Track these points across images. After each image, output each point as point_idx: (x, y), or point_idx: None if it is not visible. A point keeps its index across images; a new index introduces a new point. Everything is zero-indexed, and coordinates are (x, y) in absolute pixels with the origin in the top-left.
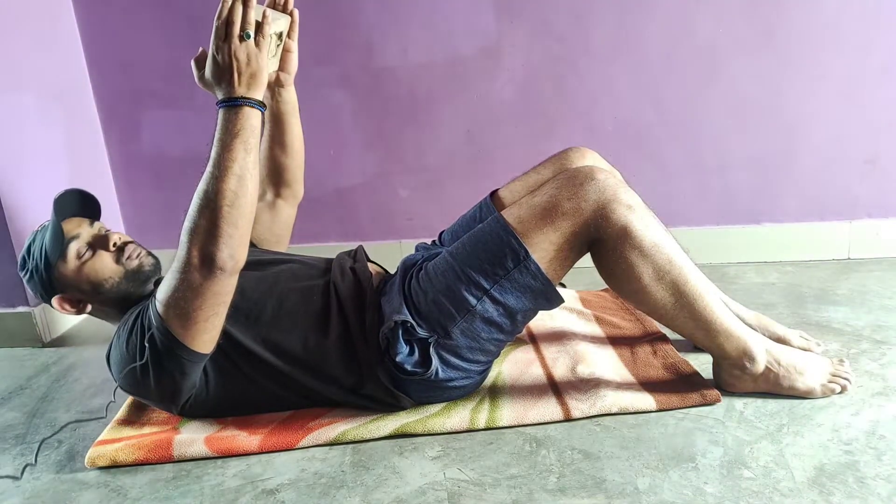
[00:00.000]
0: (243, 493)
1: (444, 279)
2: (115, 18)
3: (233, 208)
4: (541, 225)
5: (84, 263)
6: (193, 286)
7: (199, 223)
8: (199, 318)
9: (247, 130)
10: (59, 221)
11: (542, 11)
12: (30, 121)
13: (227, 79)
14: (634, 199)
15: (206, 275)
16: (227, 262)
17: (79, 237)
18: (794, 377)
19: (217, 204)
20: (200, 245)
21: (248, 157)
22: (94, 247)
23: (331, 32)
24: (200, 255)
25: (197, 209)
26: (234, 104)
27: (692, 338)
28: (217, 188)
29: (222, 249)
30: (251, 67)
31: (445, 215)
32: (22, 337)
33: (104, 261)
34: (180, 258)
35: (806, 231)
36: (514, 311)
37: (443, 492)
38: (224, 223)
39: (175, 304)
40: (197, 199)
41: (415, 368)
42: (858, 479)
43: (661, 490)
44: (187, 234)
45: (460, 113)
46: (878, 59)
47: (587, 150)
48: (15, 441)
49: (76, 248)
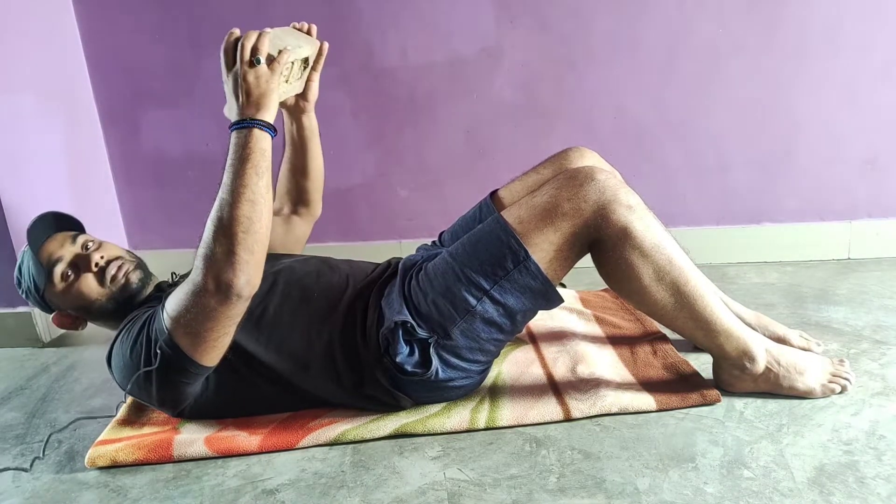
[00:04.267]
0: (243, 493)
1: (443, 280)
2: (115, 18)
3: (248, 234)
4: (541, 225)
5: (70, 286)
6: (207, 310)
7: (215, 250)
8: (210, 338)
9: (257, 154)
10: (35, 252)
11: (542, 11)
12: (30, 121)
13: (236, 101)
14: (635, 199)
15: (222, 300)
16: (244, 289)
17: (62, 260)
18: (794, 377)
19: (232, 231)
20: (217, 272)
21: (261, 181)
22: (78, 268)
23: (331, 33)
24: (216, 282)
25: (212, 235)
26: (242, 126)
27: (692, 338)
28: (231, 215)
29: (239, 276)
30: (260, 89)
31: (445, 215)
32: (22, 337)
33: (89, 283)
34: (195, 282)
35: (806, 231)
36: (514, 311)
37: (443, 492)
38: (240, 249)
39: (186, 323)
40: (211, 225)
41: (415, 369)
42: (858, 479)
43: (661, 490)
44: (203, 261)
45: (460, 113)
46: (878, 59)
47: (587, 150)
48: (15, 441)
49: (60, 271)
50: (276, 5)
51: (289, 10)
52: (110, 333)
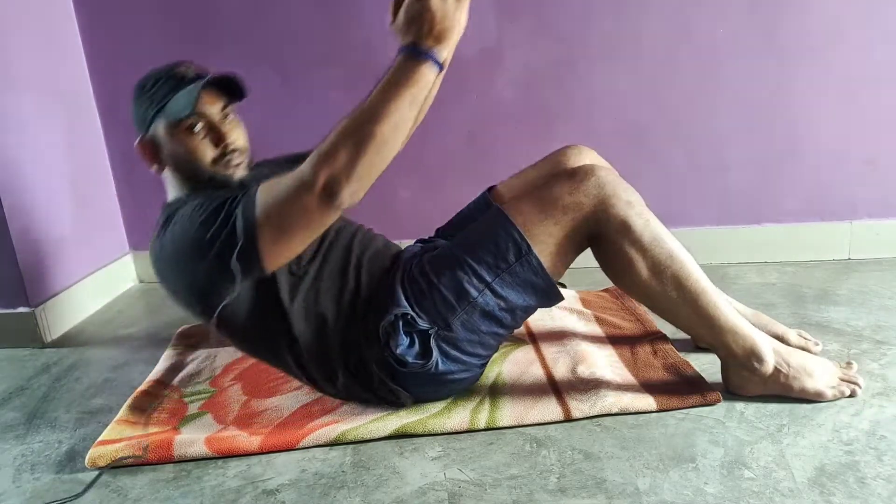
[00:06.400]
0: (244, 493)
1: (446, 271)
2: (115, 18)
3: (377, 155)
4: (542, 218)
5: (188, 137)
6: (305, 208)
7: (339, 154)
8: (294, 238)
9: (420, 85)
10: (200, 90)
11: (542, 12)
12: (30, 121)
13: (416, 28)
14: (634, 195)
15: (322, 203)
16: (347, 200)
17: (204, 114)
18: (804, 379)
19: (364, 143)
20: (330, 174)
21: (411, 112)
22: (208, 132)
23: (331, 33)
24: (325, 183)
25: (340, 138)
26: (415, 53)
27: (698, 336)
28: (370, 129)
29: (348, 186)
30: (445, 23)
31: (446, 215)
32: (22, 337)
33: (205, 150)
34: (303, 175)
35: (806, 231)
36: (515, 305)
37: (443, 492)
38: (362, 164)
39: (278, 215)
40: (345, 127)
41: (415, 360)
42: (859, 479)
43: (661, 490)
44: (321, 158)
45: (461, 113)
46: (878, 59)
47: (585, 148)
48: (15, 441)
49: (194, 121)
50: (277, 5)
51: (289, 10)
52: (110, 333)
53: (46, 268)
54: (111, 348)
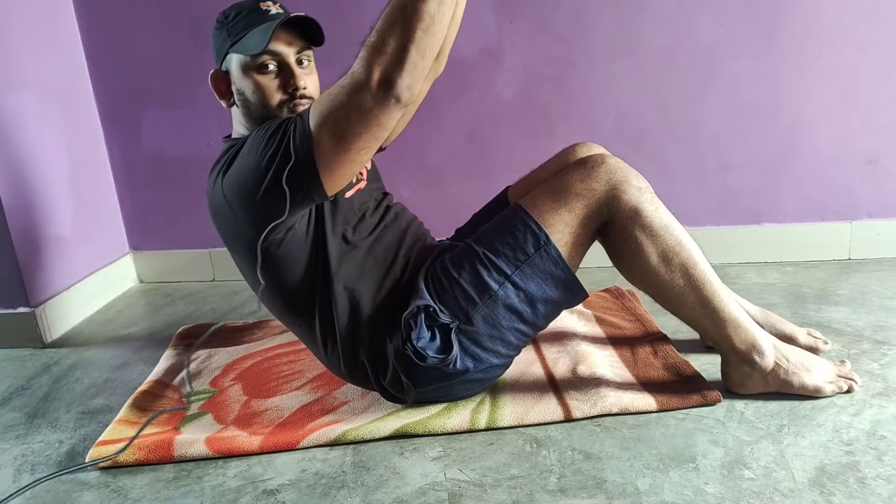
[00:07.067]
0: (244, 493)
1: (466, 265)
2: (116, 18)
3: (426, 34)
4: (556, 207)
5: (259, 76)
6: (362, 108)
7: (388, 42)
8: (353, 145)
9: None
10: (275, 29)
11: (542, 11)
12: (30, 121)
13: None
14: (644, 182)
15: (380, 100)
16: (404, 93)
17: (277, 53)
18: (804, 374)
19: (411, 25)
20: (384, 67)
21: None
22: (279, 73)
23: (331, 32)
24: (380, 77)
25: (387, 25)
26: None
27: (700, 327)
28: (415, 7)
29: (404, 77)
30: None
31: (447, 215)
32: (23, 337)
33: (272, 92)
34: (356, 74)
35: (806, 231)
36: (535, 298)
37: (443, 492)
38: (414, 48)
39: (335, 121)
40: (390, 14)
41: (436, 355)
42: (859, 479)
43: (661, 490)
44: (370, 51)
45: (461, 113)
46: (878, 59)
47: (594, 144)
48: (15, 441)
49: (266, 60)
50: None
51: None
52: (110, 333)
53: (46, 268)
54: (111, 348)
